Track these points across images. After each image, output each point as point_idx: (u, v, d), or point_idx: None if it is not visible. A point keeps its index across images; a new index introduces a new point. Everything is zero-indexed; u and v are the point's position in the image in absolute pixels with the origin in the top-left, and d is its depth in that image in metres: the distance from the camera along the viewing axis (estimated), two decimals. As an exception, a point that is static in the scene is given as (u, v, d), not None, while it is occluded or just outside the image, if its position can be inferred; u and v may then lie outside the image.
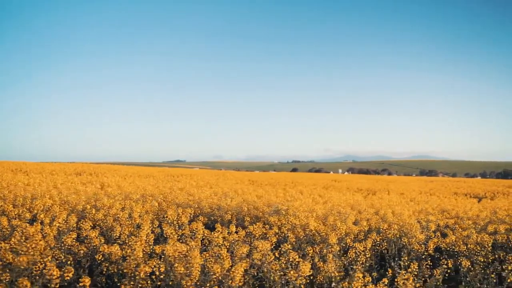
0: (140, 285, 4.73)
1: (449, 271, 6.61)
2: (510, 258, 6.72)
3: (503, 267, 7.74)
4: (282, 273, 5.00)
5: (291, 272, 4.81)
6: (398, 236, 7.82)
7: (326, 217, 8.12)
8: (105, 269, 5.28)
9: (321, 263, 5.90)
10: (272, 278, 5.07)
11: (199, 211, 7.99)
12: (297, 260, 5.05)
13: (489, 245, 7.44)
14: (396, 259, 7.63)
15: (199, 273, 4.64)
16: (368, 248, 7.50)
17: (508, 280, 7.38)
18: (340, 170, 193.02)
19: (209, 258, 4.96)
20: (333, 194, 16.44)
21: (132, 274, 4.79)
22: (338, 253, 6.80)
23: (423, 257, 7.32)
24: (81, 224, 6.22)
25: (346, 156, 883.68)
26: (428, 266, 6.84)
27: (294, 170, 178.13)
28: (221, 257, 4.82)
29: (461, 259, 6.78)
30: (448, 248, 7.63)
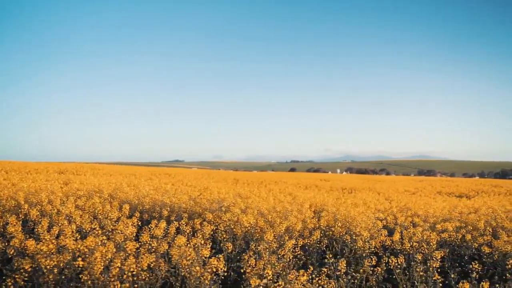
0: (48, 278, 4.71)
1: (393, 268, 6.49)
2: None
3: (445, 264, 7.67)
4: (195, 268, 4.86)
5: (196, 268, 4.69)
6: (343, 233, 7.70)
7: (273, 213, 7.99)
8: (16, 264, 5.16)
9: (253, 260, 5.77)
10: (184, 274, 4.94)
11: (141, 207, 7.88)
12: (206, 255, 4.92)
13: (434, 243, 7.32)
14: (338, 256, 7.50)
15: (101, 267, 4.53)
16: (312, 244, 7.41)
17: (452, 276, 7.32)
18: (338, 170, 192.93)
19: (119, 253, 4.84)
20: (306, 192, 16.31)
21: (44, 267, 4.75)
22: (276, 250, 6.67)
23: (364, 255, 7.20)
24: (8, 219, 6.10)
25: (345, 156, 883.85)
26: (369, 264, 6.72)
27: (292, 170, 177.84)
28: (126, 251, 4.70)
29: (400, 257, 6.66)
30: (394, 246, 7.51)
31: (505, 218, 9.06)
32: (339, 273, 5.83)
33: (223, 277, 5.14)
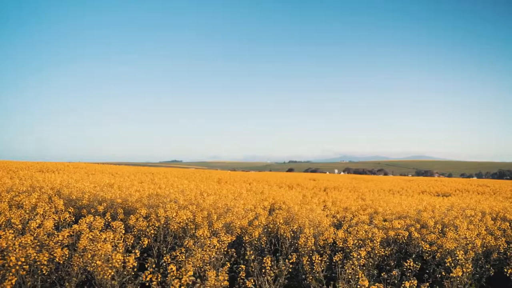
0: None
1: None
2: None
3: (388, 263, 7.51)
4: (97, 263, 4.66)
5: (97, 262, 4.52)
6: (287, 230, 7.52)
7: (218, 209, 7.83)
8: None
9: (167, 257, 5.57)
10: (93, 270, 4.76)
11: (80, 203, 7.72)
12: (109, 250, 4.73)
13: (378, 240, 7.14)
14: (278, 254, 7.34)
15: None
16: (251, 241, 7.23)
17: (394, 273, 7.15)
18: (336, 171, 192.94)
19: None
20: (281, 191, 16.14)
21: None
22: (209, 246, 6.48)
23: (303, 252, 7.02)
24: None
25: (343, 156, 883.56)
26: (309, 260, 6.55)
27: (290, 170, 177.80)
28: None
29: (339, 254, 6.50)
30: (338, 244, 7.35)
31: (460, 216, 8.91)
32: (264, 270, 5.65)
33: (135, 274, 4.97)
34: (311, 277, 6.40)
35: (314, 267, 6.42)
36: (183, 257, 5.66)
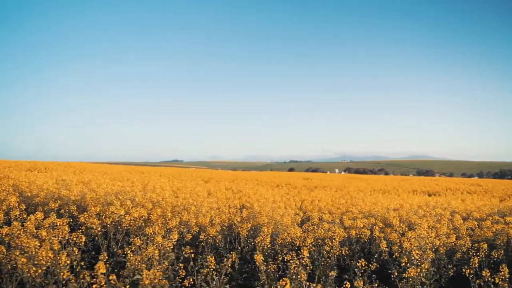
0: None
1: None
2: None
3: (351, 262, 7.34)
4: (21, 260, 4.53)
5: (22, 259, 4.39)
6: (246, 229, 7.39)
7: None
8: None
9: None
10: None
11: (35, 200, 7.62)
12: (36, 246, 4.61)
13: (337, 239, 6.97)
14: (233, 252, 7.20)
15: None
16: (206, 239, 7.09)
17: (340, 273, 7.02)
18: (337, 170, 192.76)
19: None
20: (262, 190, 16.02)
21: None
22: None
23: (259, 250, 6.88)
24: None
25: (344, 156, 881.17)
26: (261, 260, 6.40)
27: (291, 170, 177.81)
28: None
29: (292, 253, 6.36)
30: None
31: (428, 215, 8.75)
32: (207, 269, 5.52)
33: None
34: (265, 276, 6.27)
35: (269, 267, 6.30)
36: (131, 254, 5.55)
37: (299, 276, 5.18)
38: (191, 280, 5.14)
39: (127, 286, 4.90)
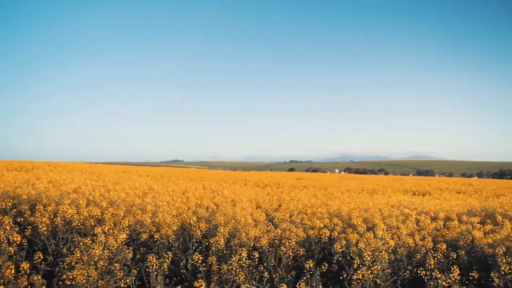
0: None
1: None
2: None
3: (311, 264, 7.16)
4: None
5: None
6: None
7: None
8: None
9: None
10: None
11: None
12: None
13: (293, 240, 6.86)
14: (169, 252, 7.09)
15: None
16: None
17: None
18: (336, 170, 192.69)
19: None
20: (242, 189, 15.92)
21: None
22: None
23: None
24: None
25: (344, 156, 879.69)
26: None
27: (291, 170, 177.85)
28: None
29: (255, 253, 6.26)
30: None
31: (394, 216, 8.62)
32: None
33: None
34: (216, 277, 6.15)
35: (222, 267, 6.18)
36: (79, 254, 5.45)
37: (236, 278, 5.06)
38: (127, 280, 5.03)
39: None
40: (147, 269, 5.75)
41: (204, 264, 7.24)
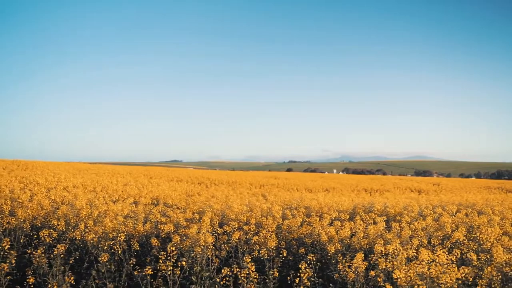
0: None
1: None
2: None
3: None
4: None
5: None
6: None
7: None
8: None
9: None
10: None
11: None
12: None
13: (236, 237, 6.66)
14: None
15: None
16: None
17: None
18: (335, 170, 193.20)
19: None
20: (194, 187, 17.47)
21: None
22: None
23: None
24: None
25: (342, 156, 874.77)
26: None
27: (289, 170, 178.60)
28: None
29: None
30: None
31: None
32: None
33: None
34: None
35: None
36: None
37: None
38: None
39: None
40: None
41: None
